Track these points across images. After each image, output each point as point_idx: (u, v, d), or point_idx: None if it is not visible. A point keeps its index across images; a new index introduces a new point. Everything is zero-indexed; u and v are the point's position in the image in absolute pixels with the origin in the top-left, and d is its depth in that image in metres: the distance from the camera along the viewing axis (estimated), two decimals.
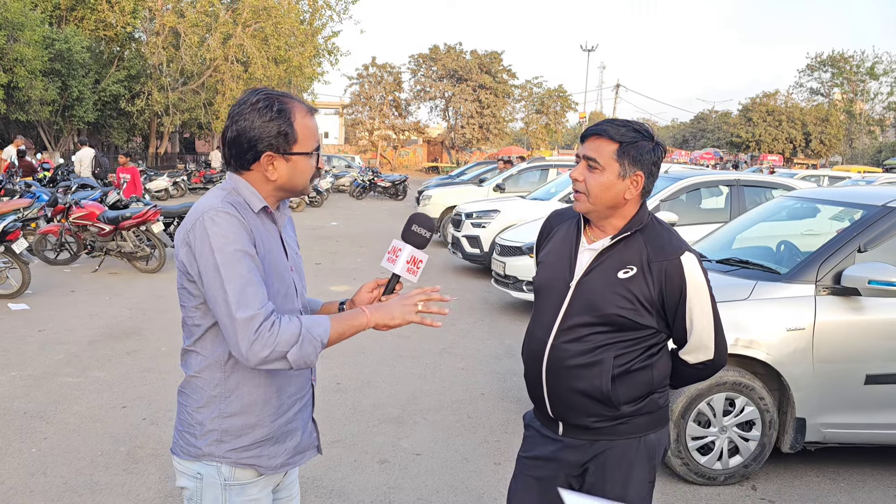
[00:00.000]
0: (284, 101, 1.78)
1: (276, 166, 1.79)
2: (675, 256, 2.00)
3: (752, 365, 3.91)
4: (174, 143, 38.95)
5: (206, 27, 28.56)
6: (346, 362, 5.96)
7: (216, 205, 1.72)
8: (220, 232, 1.68)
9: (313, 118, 1.84)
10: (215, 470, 1.82)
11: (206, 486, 1.83)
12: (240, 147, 1.77)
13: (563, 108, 56.59)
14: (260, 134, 1.75)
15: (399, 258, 1.98)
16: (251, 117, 1.75)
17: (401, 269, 1.97)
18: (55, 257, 10.21)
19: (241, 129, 1.76)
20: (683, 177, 8.26)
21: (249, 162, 1.79)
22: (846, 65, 63.26)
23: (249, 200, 1.80)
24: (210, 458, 1.81)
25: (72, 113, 25.68)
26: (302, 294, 1.95)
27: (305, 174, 1.84)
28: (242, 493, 1.83)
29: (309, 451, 1.97)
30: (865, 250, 3.88)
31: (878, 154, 58.65)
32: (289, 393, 1.87)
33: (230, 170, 1.85)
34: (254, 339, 1.64)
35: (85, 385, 5.25)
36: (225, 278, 1.65)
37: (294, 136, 1.77)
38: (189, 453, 1.83)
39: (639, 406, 2.05)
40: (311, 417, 2.00)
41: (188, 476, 1.85)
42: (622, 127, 2.01)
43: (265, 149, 1.76)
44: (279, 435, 1.86)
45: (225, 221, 1.69)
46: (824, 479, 4.06)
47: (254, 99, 1.77)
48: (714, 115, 72.41)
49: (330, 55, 36.16)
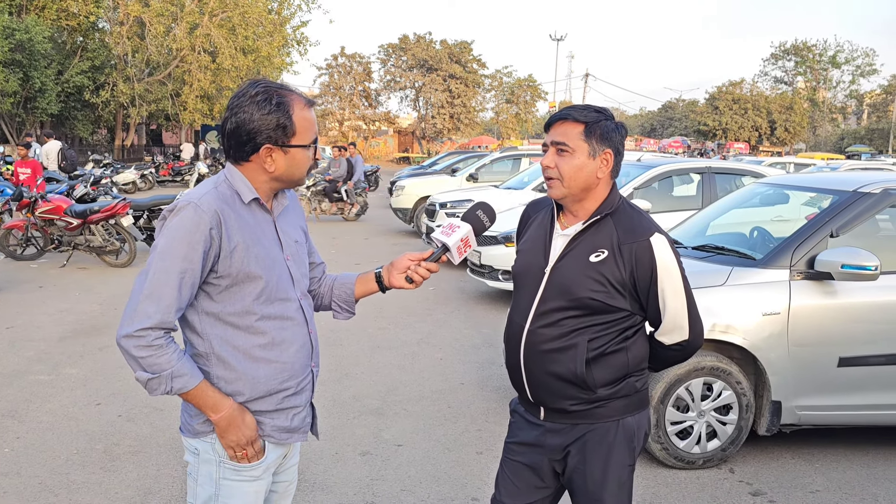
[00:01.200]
0: (283, 93, 1.80)
1: (275, 158, 1.81)
2: (644, 238, 2.02)
3: (728, 350, 3.97)
4: (141, 135, 38.29)
5: (172, 16, 28.08)
6: (324, 354, 5.92)
7: (195, 198, 1.76)
8: (178, 225, 1.73)
9: (311, 110, 1.86)
10: (210, 446, 1.87)
11: (202, 462, 1.89)
12: (238, 139, 1.79)
13: (532, 97, 56.78)
14: (259, 127, 1.77)
15: (454, 234, 2.04)
16: (250, 110, 1.77)
17: (453, 244, 2.02)
18: (21, 252, 9.99)
19: (240, 121, 1.77)
20: (655, 165, 8.34)
21: (248, 154, 1.81)
22: (809, 54, 64.43)
23: (241, 192, 1.83)
24: (203, 434, 1.87)
25: (34, 105, 25.10)
26: (300, 281, 1.97)
27: (302, 166, 1.86)
28: (237, 472, 1.88)
29: (298, 433, 1.99)
30: (838, 235, 3.94)
31: (841, 141, 59.95)
32: (279, 379, 1.89)
33: (228, 160, 1.87)
34: (134, 332, 1.70)
35: (57, 382, 5.15)
36: (154, 267, 1.73)
37: (293, 129, 1.79)
38: (189, 430, 1.90)
39: (615, 389, 2.08)
40: (308, 402, 2.02)
41: (189, 451, 1.93)
42: (584, 109, 2.06)
43: (264, 141, 1.79)
44: (270, 414, 1.89)
45: (188, 216, 1.73)
46: (799, 461, 4.15)
47: (253, 91, 1.79)
48: (681, 103, 73.26)
49: (299, 45, 35.81)
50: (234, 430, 1.82)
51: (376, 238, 13.53)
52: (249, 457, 1.86)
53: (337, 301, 2.15)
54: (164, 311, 1.72)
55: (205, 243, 1.74)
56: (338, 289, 2.14)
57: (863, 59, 64.34)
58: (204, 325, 1.83)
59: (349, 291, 2.13)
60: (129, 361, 1.75)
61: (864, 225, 4.11)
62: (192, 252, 1.73)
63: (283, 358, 1.88)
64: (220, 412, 1.81)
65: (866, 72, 64.48)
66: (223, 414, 1.81)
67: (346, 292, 2.14)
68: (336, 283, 2.15)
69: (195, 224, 1.72)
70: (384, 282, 2.10)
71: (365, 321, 7.02)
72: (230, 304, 1.81)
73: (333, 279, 2.16)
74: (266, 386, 1.86)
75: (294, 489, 2.13)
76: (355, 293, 2.13)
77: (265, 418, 1.89)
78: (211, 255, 1.76)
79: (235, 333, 1.83)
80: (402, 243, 12.80)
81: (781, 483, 3.87)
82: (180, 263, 1.72)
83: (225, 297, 1.81)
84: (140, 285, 1.74)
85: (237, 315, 1.82)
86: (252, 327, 1.83)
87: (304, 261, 2.02)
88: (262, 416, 1.89)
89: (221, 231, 1.76)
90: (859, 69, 64.49)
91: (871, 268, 3.67)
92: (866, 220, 4.11)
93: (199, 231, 1.73)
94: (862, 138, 59.47)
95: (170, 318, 1.74)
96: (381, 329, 6.82)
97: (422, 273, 2.03)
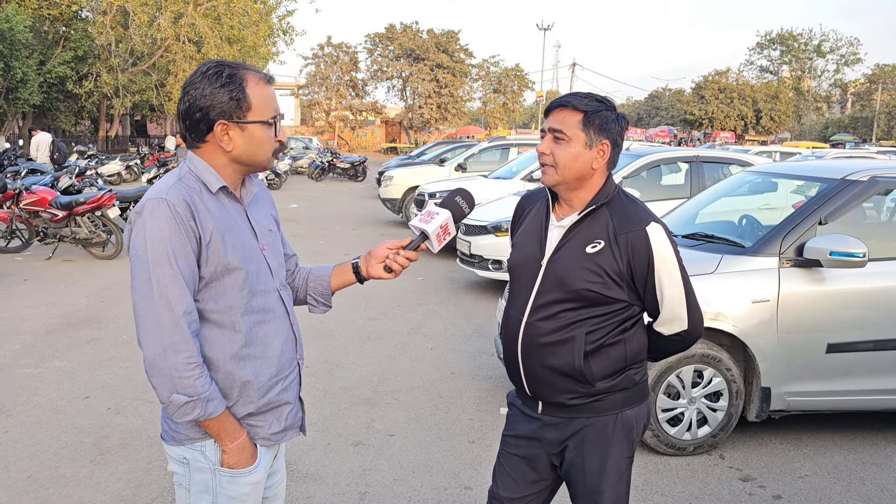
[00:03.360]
0: (236, 67, 1.74)
1: (232, 136, 1.73)
2: (640, 227, 1.99)
3: (718, 337, 3.99)
4: (125, 125, 37.95)
5: (156, 6, 27.76)
6: (314, 345, 5.91)
7: (162, 192, 1.68)
8: (157, 227, 1.64)
9: (269, 86, 1.78)
10: (200, 454, 1.79)
11: (193, 471, 1.80)
12: (192, 118, 1.72)
13: (520, 87, 56.69)
14: (211, 102, 1.70)
15: (433, 221, 1.99)
16: (201, 85, 1.70)
17: (432, 231, 1.98)
18: (6, 245, 9.88)
19: (192, 98, 1.71)
20: (644, 154, 8.37)
21: (203, 133, 1.73)
22: (794, 43, 64.78)
23: (207, 181, 1.75)
24: (192, 441, 1.77)
25: (16, 96, 24.77)
26: (278, 272, 1.91)
27: (264, 145, 1.77)
28: (234, 480, 1.80)
29: (291, 430, 1.94)
30: (826, 223, 3.97)
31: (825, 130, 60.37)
32: (268, 375, 1.83)
33: (188, 147, 1.79)
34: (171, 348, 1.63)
35: (45, 376, 5.11)
36: (155, 278, 1.64)
37: (247, 103, 1.72)
38: (173, 438, 1.80)
39: (614, 382, 2.06)
40: (297, 397, 1.97)
41: (176, 461, 1.83)
42: (585, 98, 2.02)
43: (217, 116, 1.70)
44: (260, 413, 1.83)
45: (163, 216, 1.65)
46: (788, 446, 4.19)
47: (204, 68, 1.73)
48: (668, 92, 73.39)
49: (285, 35, 35.51)
50: (244, 456, 1.79)
51: (365, 229, 13.49)
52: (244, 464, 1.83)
53: (312, 294, 2.08)
54: (186, 321, 1.65)
55: (188, 235, 1.67)
56: (313, 281, 2.07)
57: (847, 48, 64.87)
58: None
59: (325, 284, 2.07)
60: (161, 384, 1.66)
61: (852, 212, 4.14)
62: (182, 248, 1.66)
63: (269, 353, 1.82)
64: (236, 440, 1.77)
65: (850, 61, 64.99)
66: (238, 442, 1.77)
67: (321, 285, 2.07)
68: (311, 276, 2.08)
69: (172, 219, 1.65)
70: (362, 272, 2.04)
71: (355, 312, 7.00)
72: (213, 301, 1.74)
73: (308, 272, 2.09)
74: (256, 384, 1.80)
75: (283, 488, 2.07)
76: (332, 285, 2.07)
77: (259, 421, 1.83)
78: (196, 247, 1.69)
79: (220, 333, 1.76)
80: (391, 234, 12.77)
81: (771, 468, 3.90)
82: (179, 263, 1.65)
83: (207, 295, 1.73)
84: (147, 302, 1.65)
85: (221, 312, 1.75)
86: (236, 323, 1.76)
87: (279, 250, 1.95)
88: (256, 420, 1.82)
89: (196, 222, 1.68)
90: (843, 58, 64.99)
91: (860, 255, 3.69)
92: (854, 208, 4.13)
93: (180, 225, 1.66)
94: (846, 127, 59.92)
95: (194, 327, 1.68)
96: (371, 319, 6.81)
97: (401, 262, 1.97)
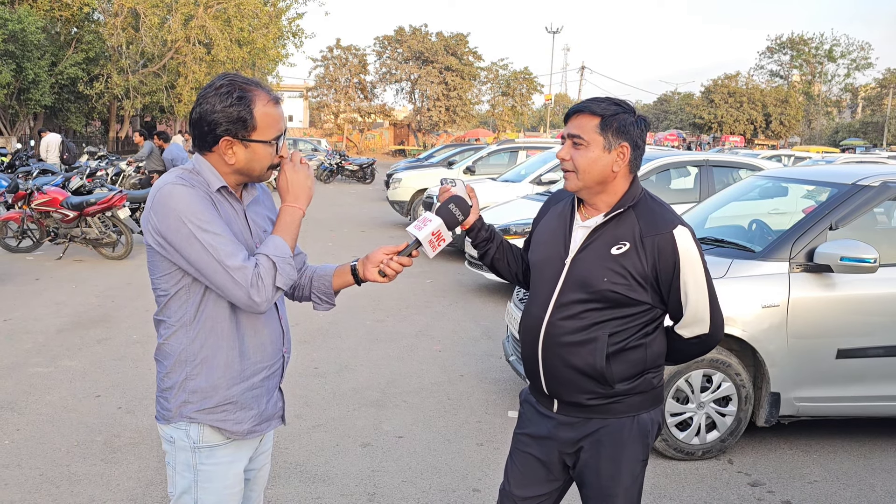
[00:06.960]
0: (247, 88, 1.83)
1: (235, 151, 1.84)
2: (667, 230, 2.00)
3: (728, 342, 3.98)
4: (135, 126, 38.12)
5: (167, 8, 27.95)
6: (323, 346, 5.93)
7: (169, 180, 1.80)
8: (182, 203, 1.75)
9: (277, 107, 1.88)
10: (184, 433, 1.90)
11: (178, 450, 1.92)
12: (201, 129, 1.83)
13: (528, 90, 56.58)
14: (219, 118, 1.80)
15: (425, 228, 2.05)
16: (213, 101, 1.81)
17: (424, 238, 2.03)
18: (17, 245, 9.95)
19: (202, 111, 1.81)
20: (653, 158, 8.35)
21: (210, 144, 1.84)
22: (805, 47, 64.46)
23: (209, 180, 1.86)
24: (179, 419, 1.89)
25: (27, 96, 24.95)
26: None
27: (264, 161, 1.87)
28: (212, 455, 1.92)
29: (274, 419, 2.04)
30: (837, 228, 3.96)
31: (835, 134, 59.99)
32: (253, 360, 1.93)
33: (195, 149, 1.90)
34: (250, 285, 1.76)
35: (56, 375, 5.15)
36: (204, 242, 1.74)
37: (253, 124, 1.82)
38: (164, 417, 1.93)
39: (633, 385, 2.07)
40: (277, 387, 2.06)
41: (165, 440, 1.96)
42: (603, 102, 2.04)
43: (223, 133, 1.82)
44: (244, 400, 1.92)
45: (182, 192, 1.76)
46: (797, 452, 4.17)
47: (218, 83, 1.83)
48: (677, 96, 73.14)
49: (294, 37, 35.65)
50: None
51: (373, 231, 13.51)
52: None
53: (316, 293, 2.16)
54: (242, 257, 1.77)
55: (211, 204, 1.80)
56: (317, 280, 2.15)
57: (858, 52, 64.49)
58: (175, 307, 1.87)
59: (328, 283, 2.14)
60: (274, 298, 1.81)
61: (863, 218, 4.13)
62: (211, 209, 1.78)
63: (255, 342, 1.92)
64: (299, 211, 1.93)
65: (861, 65, 64.62)
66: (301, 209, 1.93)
67: (325, 284, 2.15)
68: (315, 275, 2.16)
69: (193, 194, 1.77)
70: (359, 274, 2.10)
71: (363, 314, 7.02)
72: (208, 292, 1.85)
73: (313, 270, 2.18)
74: (241, 371, 1.90)
75: (266, 476, 2.17)
76: (334, 285, 2.14)
77: (242, 412, 1.92)
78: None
79: (213, 324, 1.86)
80: (399, 236, 12.78)
81: (780, 474, 3.89)
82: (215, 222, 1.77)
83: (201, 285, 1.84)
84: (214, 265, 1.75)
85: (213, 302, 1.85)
86: (226, 314, 1.87)
87: None
88: (239, 410, 1.92)
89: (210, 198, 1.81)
90: (854, 63, 64.62)
91: (871, 260, 3.68)
92: (865, 213, 4.13)
93: (202, 197, 1.78)
94: (856, 132, 59.57)
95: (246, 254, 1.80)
96: (380, 321, 6.83)
97: (394, 267, 2.03)
